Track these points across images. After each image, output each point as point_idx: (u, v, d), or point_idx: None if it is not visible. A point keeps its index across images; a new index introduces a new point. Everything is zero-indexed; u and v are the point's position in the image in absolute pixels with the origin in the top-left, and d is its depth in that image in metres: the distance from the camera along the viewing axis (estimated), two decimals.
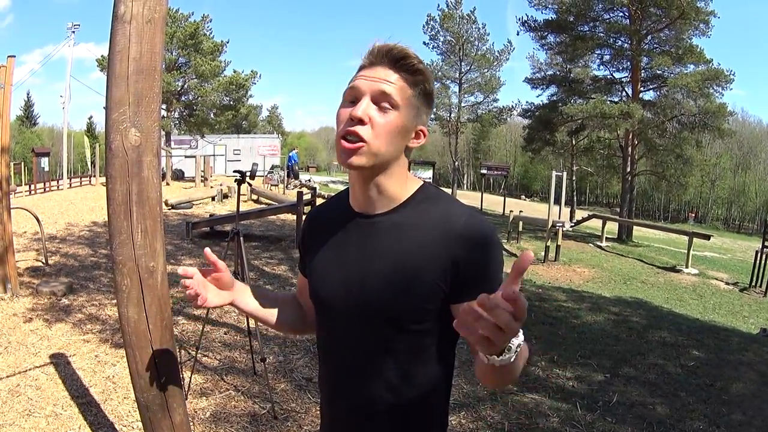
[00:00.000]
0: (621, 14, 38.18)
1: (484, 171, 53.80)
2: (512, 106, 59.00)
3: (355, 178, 2.06)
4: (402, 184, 2.08)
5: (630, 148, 38.33)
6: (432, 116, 57.66)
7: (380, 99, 1.93)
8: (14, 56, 10.18)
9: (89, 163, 50.34)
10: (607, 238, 32.24)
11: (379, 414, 2.11)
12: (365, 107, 1.91)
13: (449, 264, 1.92)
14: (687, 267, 24.63)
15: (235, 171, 7.58)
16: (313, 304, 2.27)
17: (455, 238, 1.93)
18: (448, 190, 62.59)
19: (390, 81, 1.94)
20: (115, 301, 3.54)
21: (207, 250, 2.25)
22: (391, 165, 2.03)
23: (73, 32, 45.97)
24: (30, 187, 34.77)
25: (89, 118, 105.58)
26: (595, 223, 35.66)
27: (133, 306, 2.93)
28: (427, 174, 59.17)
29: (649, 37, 37.67)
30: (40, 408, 5.95)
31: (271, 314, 2.47)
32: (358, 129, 1.90)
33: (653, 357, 9.53)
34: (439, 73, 59.69)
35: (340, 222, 2.17)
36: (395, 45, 1.98)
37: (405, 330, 2.00)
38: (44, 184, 37.43)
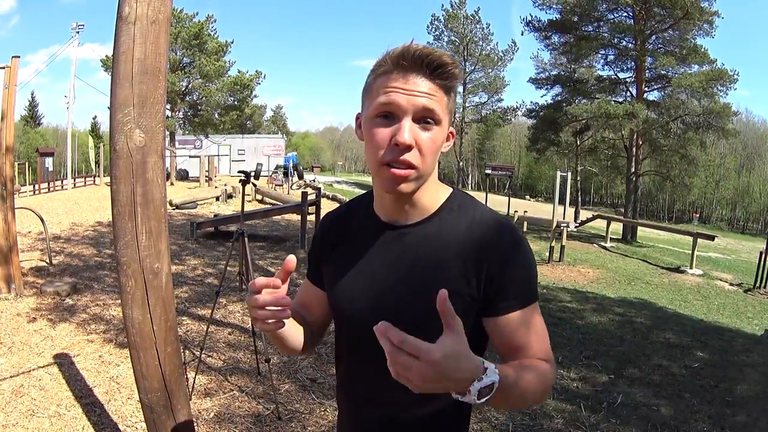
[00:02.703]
0: (625, 14, 38.30)
1: (488, 171, 53.80)
2: (517, 106, 59.50)
3: (384, 188, 1.88)
4: (435, 194, 1.98)
5: (634, 149, 38.42)
6: None
7: (423, 116, 1.76)
8: (18, 57, 10.18)
9: (93, 163, 50.33)
10: (611, 238, 32.24)
11: (406, 428, 2.08)
12: (410, 130, 1.74)
13: (482, 276, 1.85)
14: (691, 268, 24.63)
15: (239, 171, 7.55)
16: (337, 318, 2.18)
17: (487, 249, 1.86)
18: None
19: (431, 94, 1.75)
20: (120, 301, 3.54)
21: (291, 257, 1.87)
22: (429, 178, 1.91)
23: (78, 32, 46.09)
24: (34, 187, 34.67)
25: (93, 118, 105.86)
26: (600, 224, 35.69)
27: (137, 307, 2.92)
28: None
29: (653, 38, 37.81)
30: (43, 408, 5.93)
31: (298, 340, 2.19)
32: (408, 157, 1.75)
33: (658, 358, 9.54)
34: None
35: (366, 231, 2.07)
36: (432, 50, 1.76)
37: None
38: (48, 184, 37.35)
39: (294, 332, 2.10)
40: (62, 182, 40.97)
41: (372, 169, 1.86)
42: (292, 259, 1.80)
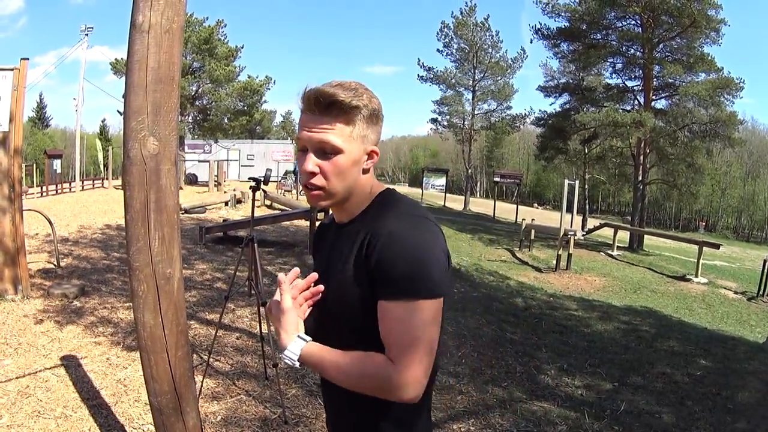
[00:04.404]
0: (633, 22, 38.19)
1: (497, 179, 54.00)
2: (525, 113, 59.07)
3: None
4: (363, 199, 2.24)
5: (642, 157, 38.29)
6: (445, 123, 57.42)
7: (320, 148, 2.07)
8: (27, 59, 10.18)
9: (102, 167, 50.35)
10: (618, 246, 32.20)
11: (344, 406, 2.29)
12: (311, 160, 2.08)
13: (366, 266, 2.03)
14: (697, 276, 24.66)
15: (250, 178, 7.57)
16: None
17: (373, 235, 2.04)
18: (461, 198, 62.70)
19: (326, 128, 2.05)
20: (128, 304, 3.53)
21: (281, 275, 2.30)
22: (354, 191, 2.19)
23: (87, 35, 45.92)
24: (42, 188, 34.77)
25: (102, 121, 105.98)
26: (607, 232, 35.64)
27: (149, 311, 2.95)
28: (440, 181, 59.35)
29: (661, 46, 37.72)
30: (49, 409, 5.92)
31: None
32: (313, 181, 2.10)
33: (661, 366, 9.61)
34: (453, 81, 59.81)
35: (330, 233, 2.40)
36: (323, 90, 2.03)
37: (357, 329, 2.11)
38: (56, 186, 37.44)
39: None
40: (70, 184, 40.98)
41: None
42: (295, 272, 2.30)
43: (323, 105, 2.03)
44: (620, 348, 10.71)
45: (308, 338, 2.13)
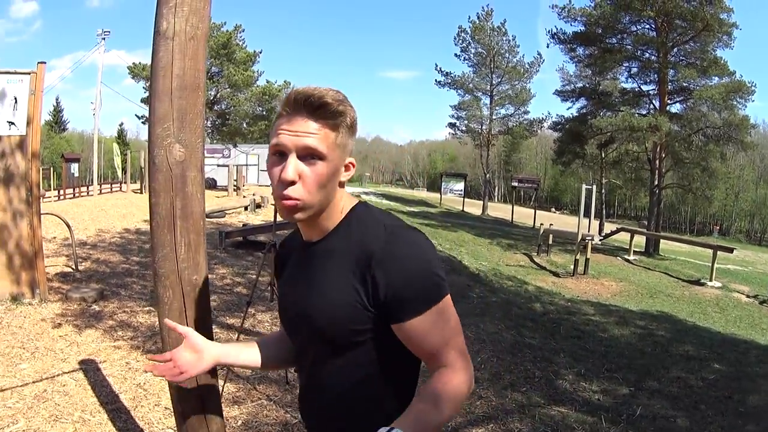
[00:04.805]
0: (648, 26, 38.46)
1: (515, 183, 54.22)
2: (543, 118, 59.14)
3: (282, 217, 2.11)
4: (335, 214, 2.15)
5: (657, 161, 38.32)
6: (463, 128, 57.52)
7: (305, 153, 1.97)
8: (45, 63, 10.21)
9: (120, 170, 50.48)
10: (634, 251, 32.22)
11: (331, 413, 2.21)
12: (293, 167, 1.96)
13: (369, 287, 1.97)
14: (711, 280, 24.79)
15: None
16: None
17: (373, 260, 1.97)
18: (479, 203, 62.70)
19: (312, 133, 1.97)
20: (148, 308, 3.53)
21: (167, 321, 2.50)
22: (328, 205, 2.10)
23: (104, 39, 46.22)
24: (59, 192, 34.87)
25: (120, 125, 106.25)
26: (623, 237, 35.70)
27: (175, 318, 2.95)
28: (459, 186, 59.38)
29: (675, 50, 37.88)
30: (67, 414, 5.89)
31: (268, 357, 2.56)
32: (291, 192, 1.96)
33: (676, 370, 9.67)
34: (471, 85, 60.11)
35: (297, 250, 2.31)
36: (313, 92, 1.97)
37: (340, 349, 2.08)
38: (74, 190, 37.53)
39: (241, 360, 2.51)
40: (88, 188, 41.07)
41: (274, 199, 2.07)
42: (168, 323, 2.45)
43: (312, 107, 1.97)
44: (637, 353, 10.75)
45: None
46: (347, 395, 2.14)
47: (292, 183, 1.95)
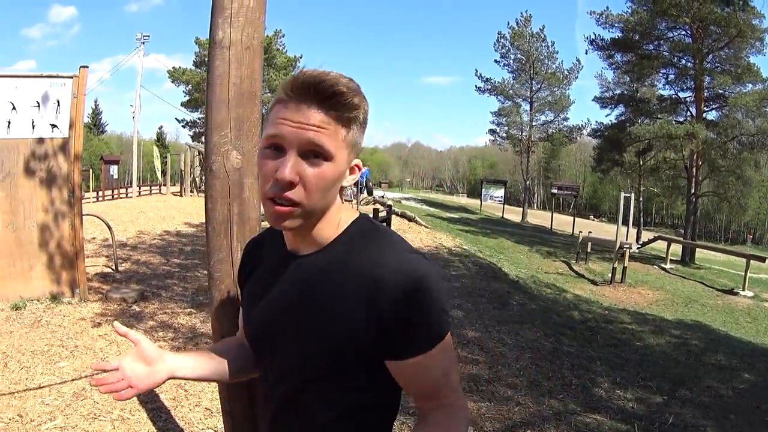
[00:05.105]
0: (683, 33, 38.36)
1: (554, 191, 53.99)
2: (582, 125, 59.06)
3: (269, 223, 1.80)
4: (332, 225, 1.85)
5: (694, 169, 38.16)
6: (504, 134, 57.53)
7: (308, 150, 1.65)
8: (87, 67, 10.34)
9: (159, 173, 50.79)
10: (671, 260, 32.06)
11: None
12: (293, 165, 1.63)
13: (373, 319, 1.69)
14: (743, 290, 24.79)
15: None
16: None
17: (382, 290, 1.68)
18: (519, 210, 62.59)
19: (320, 127, 1.64)
20: (189, 310, 3.57)
21: (116, 323, 2.00)
22: (326, 213, 1.80)
23: (143, 43, 46.68)
24: (97, 193, 35.28)
25: (159, 128, 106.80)
26: (660, 245, 35.50)
27: (227, 320, 3.01)
28: (499, 193, 59.24)
29: (710, 56, 37.83)
30: (106, 412, 5.95)
31: (219, 371, 2.18)
32: (290, 195, 1.65)
33: (708, 380, 9.76)
34: (510, 92, 60.09)
35: (274, 259, 1.98)
36: (325, 77, 1.63)
37: (327, 376, 1.80)
38: (112, 192, 37.91)
39: (195, 372, 2.11)
40: (126, 190, 41.41)
41: (261, 202, 1.77)
42: (117, 327, 1.98)
43: (323, 95, 1.63)
44: (671, 362, 10.82)
45: None
46: (330, 425, 1.85)
47: (290, 185, 1.64)
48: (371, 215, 18.00)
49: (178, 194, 38.79)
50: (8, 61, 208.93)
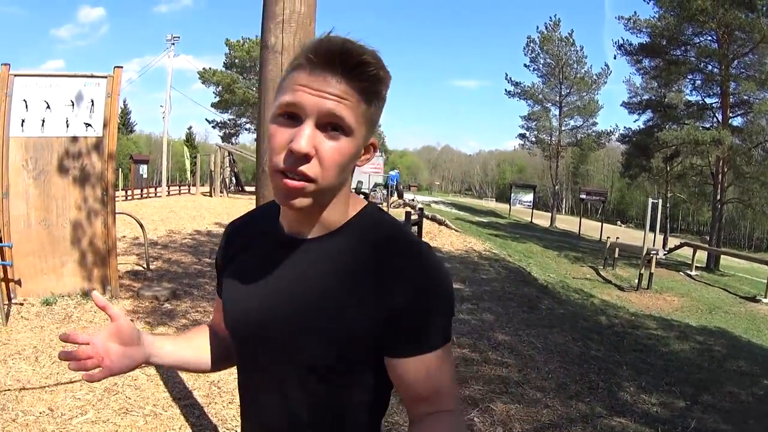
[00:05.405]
0: (710, 38, 38.34)
1: (583, 196, 53.89)
2: (611, 130, 58.98)
3: (276, 200, 1.62)
4: (343, 208, 1.71)
5: (720, 176, 38.05)
6: (533, 139, 57.47)
7: (327, 122, 1.50)
8: (122, 67, 10.43)
9: (189, 173, 50.96)
10: (696, 266, 31.98)
11: None
12: (310, 136, 1.48)
13: (386, 310, 1.59)
14: (765, 297, 24.74)
15: (358, 192, 7.60)
16: (231, 334, 1.89)
17: (400, 281, 1.59)
18: (547, 215, 62.49)
19: (342, 97, 1.49)
20: None
21: (95, 293, 1.80)
22: (336, 193, 1.65)
23: (173, 44, 46.96)
24: (126, 192, 35.72)
25: (189, 128, 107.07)
26: (685, 251, 35.39)
27: None
28: (528, 197, 59.10)
29: (735, 62, 37.91)
30: (138, 407, 6.04)
31: (200, 358, 2.05)
32: (305, 168, 1.49)
33: (730, 385, 9.89)
34: (540, 96, 60.29)
35: (268, 242, 1.80)
36: (351, 44, 1.48)
37: (321, 377, 1.67)
38: (141, 191, 38.58)
39: (171, 358, 1.95)
40: (156, 189, 42.05)
41: (269, 175, 1.59)
42: (95, 297, 1.77)
43: (349, 64, 1.48)
44: (694, 367, 10.95)
45: None
46: (321, 423, 1.73)
47: (305, 157, 1.48)
48: (403, 218, 17.97)
49: (208, 194, 39.11)
50: (37, 60, 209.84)
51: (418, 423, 1.69)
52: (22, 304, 9.52)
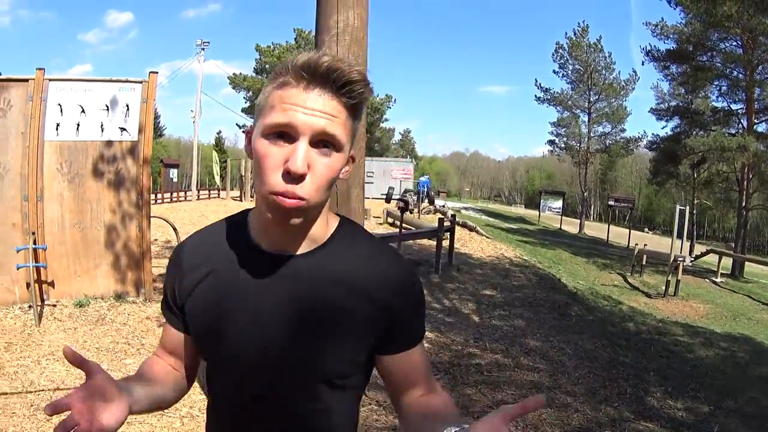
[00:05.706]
0: (735, 44, 38.14)
1: (611, 203, 53.76)
2: (639, 137, 58.64)
3: (272, 219, 1.60)
4: (325, 223, 1.76)
5: (745, 182, 38.00)
6: (562, 145, 57.43)
7: (321, 139, 1.54)
8: (157, 72, 10.63)
9: (218, 178, 51.11)
10: (721, 273, 31.91)
11: None
12: (305, 156, 1.50)
13: (382, 314, 1.70)
14: None
15: (398, 200, 7.59)
16: (214, 362, 1.87)
17: (389, 286, 1.72)
18: (576, 221, 62.48)
19: (334, 115, 1.53)
20: None
21: (66, 346, 1.50)
22: (322, 208, 1.70)
23: (203, 49, 47.15)
24: (156, 196, 35.82)
25: (218, 133, 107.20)
26: (710, 258, 35.31)
27: None
28: (557, 204, 59.04)
29: (760, 68, 37.66)
30: (174, 409, 5.75)
31: (166, 393, 1.93)
32: (299, 189, 1.51)
33: (752, 391, 10.09)
34: (569, 102, 60.03)
35: (246, 262, 1.75)
36: (339, 64, 1.52)
37: (333, 385, 1.74)
38: (171, 195, 38.78)
39: (148, 400, 1.78)
40: (186, 193, 42.26)
41: (259, 196, 1.61)
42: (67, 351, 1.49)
43: (339, 82, 1.52)
44: (718, 373, 11.12)
45: None
46: (311, 418, 1.78)
47: (302, 177, 1.50)
48: (436, 225, 17.92)
49: (238, 199, 39.31)
50: (65, 65, 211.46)
51: (416, 404, 1.81)
52: (55, 306, 9.72)
